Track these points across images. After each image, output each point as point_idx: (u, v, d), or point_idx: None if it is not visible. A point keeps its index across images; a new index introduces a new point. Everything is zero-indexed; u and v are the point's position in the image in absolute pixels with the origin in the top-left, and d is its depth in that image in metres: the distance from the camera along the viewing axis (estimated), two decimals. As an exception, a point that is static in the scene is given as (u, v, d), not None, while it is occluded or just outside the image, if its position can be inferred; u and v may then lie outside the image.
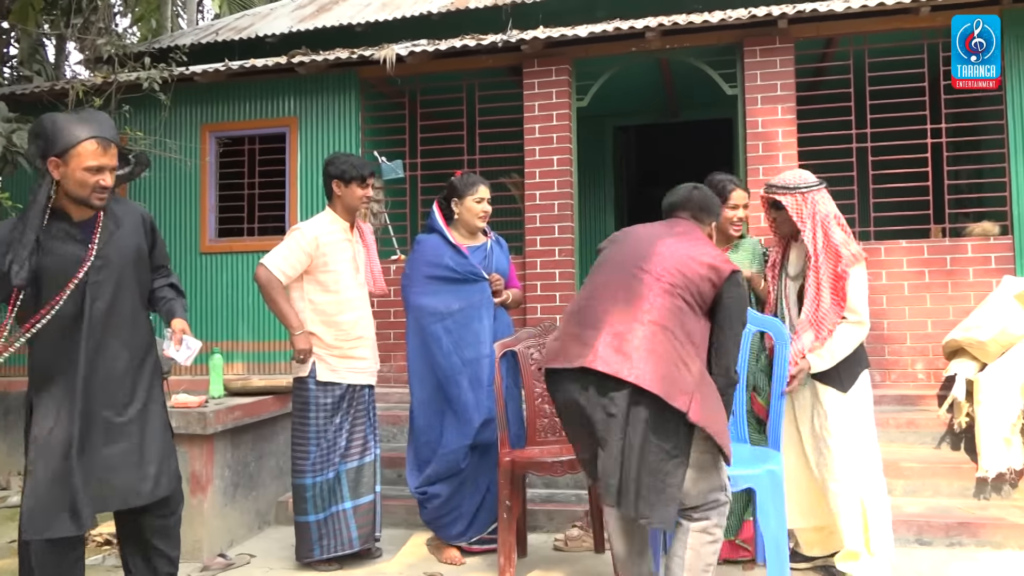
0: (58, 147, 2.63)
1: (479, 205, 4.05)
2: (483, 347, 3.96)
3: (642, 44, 5.69)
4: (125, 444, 2.74)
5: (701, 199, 3.12)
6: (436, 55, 5.95)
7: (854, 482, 3.33)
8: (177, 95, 6.35)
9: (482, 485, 3.96)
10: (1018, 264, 5.18)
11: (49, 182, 2.65)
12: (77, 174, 2.64)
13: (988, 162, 5.58)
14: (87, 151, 2.63)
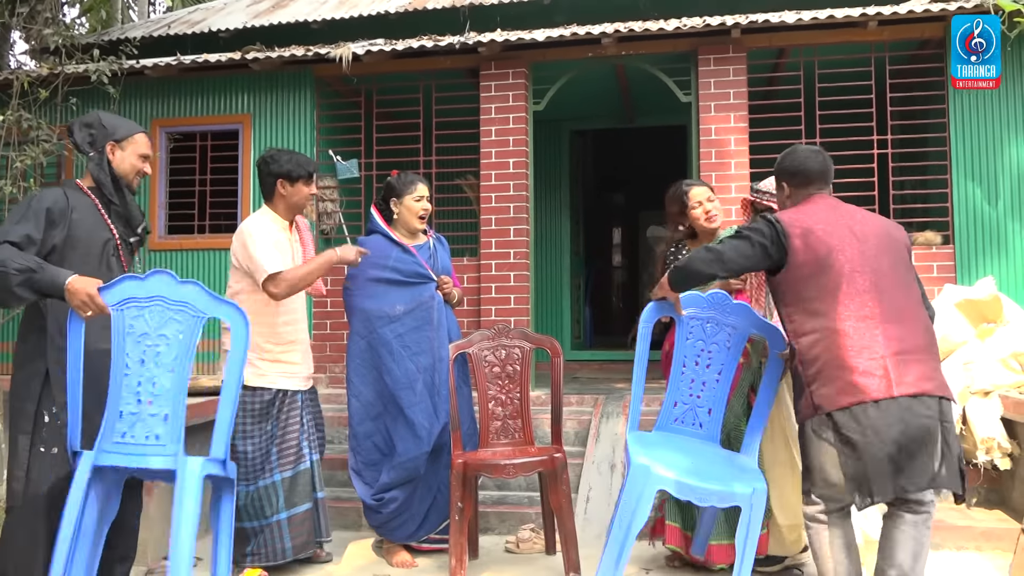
0: (119, 134, 3.06)
1: (418, 204, 3.99)
2: (438, 351, 3.90)
3: (599, 50, 5.74)
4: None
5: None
6: (393, 55, 5.92)
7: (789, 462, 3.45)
8: (127, 89, 6.22)
9: (433, 485, 3.93)
10: (959, 273, 5.34)
11: (106, 163, 3.03)
12: (132, 159, 3.09)
13: (931, 173, 5.75)
14: (142, 141, 3.12)
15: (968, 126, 5.47)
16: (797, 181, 3.00)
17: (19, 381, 2.87)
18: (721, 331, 3.24)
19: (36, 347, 2.87)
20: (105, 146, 3.04)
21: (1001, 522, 4.09)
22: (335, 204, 6.33)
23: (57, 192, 2.95)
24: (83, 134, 3.04)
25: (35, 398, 2.82)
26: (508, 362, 4.05)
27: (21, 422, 2.83)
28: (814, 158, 3.01)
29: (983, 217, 5.39)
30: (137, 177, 3.13)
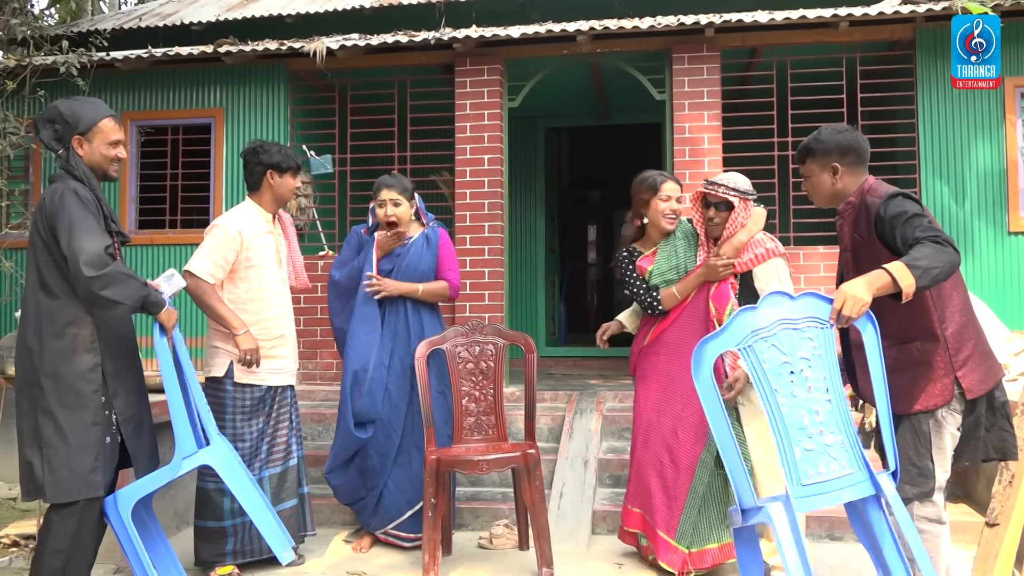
0: (82, 126, 2.89)
1: (380, 210, 4.00)
2: (367, 357, 3.95)
3: (574, 47, 5.76)
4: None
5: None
6: (367, 50, 5.89)
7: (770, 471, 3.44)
8: (97, 81, 6.13)
9: (379, 483, 3.97)
10: (926, 271, 5.41)
11: (76, 159, 2.89)
12: (102, 149, 2.93)
13: (901, 172, 5.83)
14: (108, 127, 2.94)
15: (936, 126, 5.56)
16: (851, 160, 2.82)
17: (77, 375, 2.81)
18: (801, 337, 2.49)
19: (82, 341, 2.84)
20: (71, 142, 2.90)
21: (966, 515, 4.16)
22: (309, 200, 6.30)
23: (79, 188, 2.85)
24: (48, 132, 2.91)
25: (99, 389, 2.84)
26: (482, 358, 4.05)
27: (89, 414, 2.82)
28: (862, 137, 2.86)
29: (950, 216, 5.48)
30: (113, 165, 3.00)
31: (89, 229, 2.77)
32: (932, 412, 2.67)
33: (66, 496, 2.78)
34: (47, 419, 2.78)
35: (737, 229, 3.53)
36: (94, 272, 2.71)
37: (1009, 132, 5.45)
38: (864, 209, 2.76)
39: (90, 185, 2.88)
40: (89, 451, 2.80)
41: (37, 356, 2.82)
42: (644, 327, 3.82)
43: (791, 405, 2.40)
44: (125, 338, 2.99)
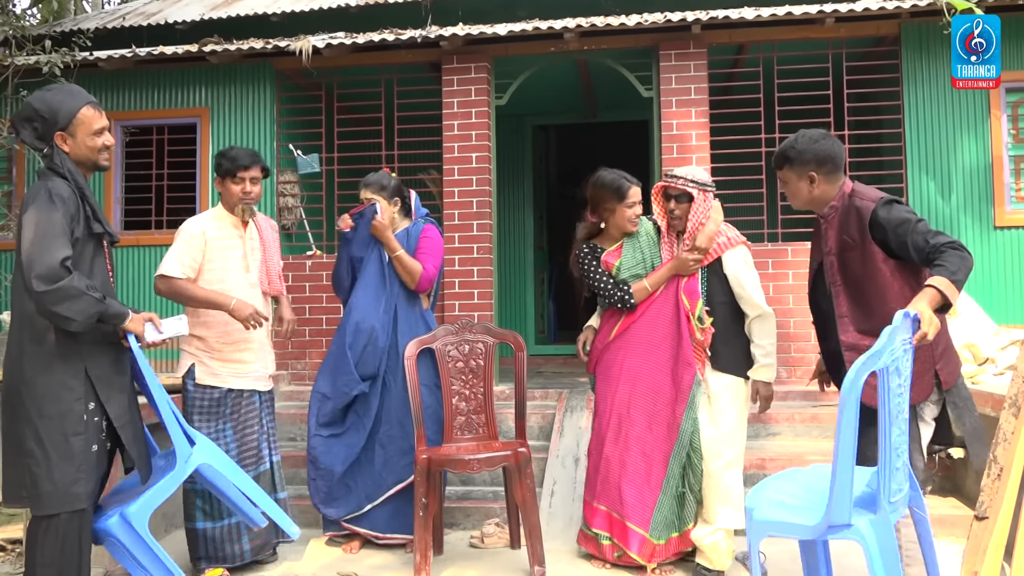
0: (61, 120, 2.74)
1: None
2: (370, 316, 4.05)
3: (561, 45, 5.75)
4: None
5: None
6: (354, 48, 5.86)
7: (739, 462, 3.55)
8: (80, 81, 6.05)
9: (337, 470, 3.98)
10: (914, 266, 5.44)
11: (62, 156, 2.75)
12: (87, 141, 2.78)
13: (888, 168, 5.85)
14: (89, 116, 2.78)
15: (922, 121, 5.58)
16: (827, 169, 2.89)
17: (56, 383, 2.71)
18: (907, 358, 2.47)
19: (65, 347, 2.73)
20: (53, 139, 2.76)
21: (955, 509, 4.19)
22: (296, 199, 6.26)
23: (59, 184, 2.73)
24: (28, 132, 2.77)
25: (81, 397, 2.74)
26: (472, 357, 4.05)
27: (69, 424, 2.70)
28: (838, 144, 2.92)
29: (937, 211, 5.51)
30: (102, 154, 2.84)
31: (49, 237, 2.60)
32: (913, 407, 2.69)
33: (47, 508, 2.70)
34: (27, 428, 2.69)
35: (699, 221, 3.55)
36: (44, 287, 2.57)
37: (994, 127, 5.48)
38: (854, 212, 2.80)
39: (76, 183, 2.75)
40: (70, 462, 2.69)
41: (17, 362, 2.74)
42: (607, 324, 3.78)
43: (895, 424, 2.44)
44: (111, 341, 2.86)
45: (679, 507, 3.57)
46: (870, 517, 2.39)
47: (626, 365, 3.67)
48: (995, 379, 4.33)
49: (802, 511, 2.53)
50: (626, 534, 3.57)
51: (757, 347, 3.55)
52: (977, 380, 4.36)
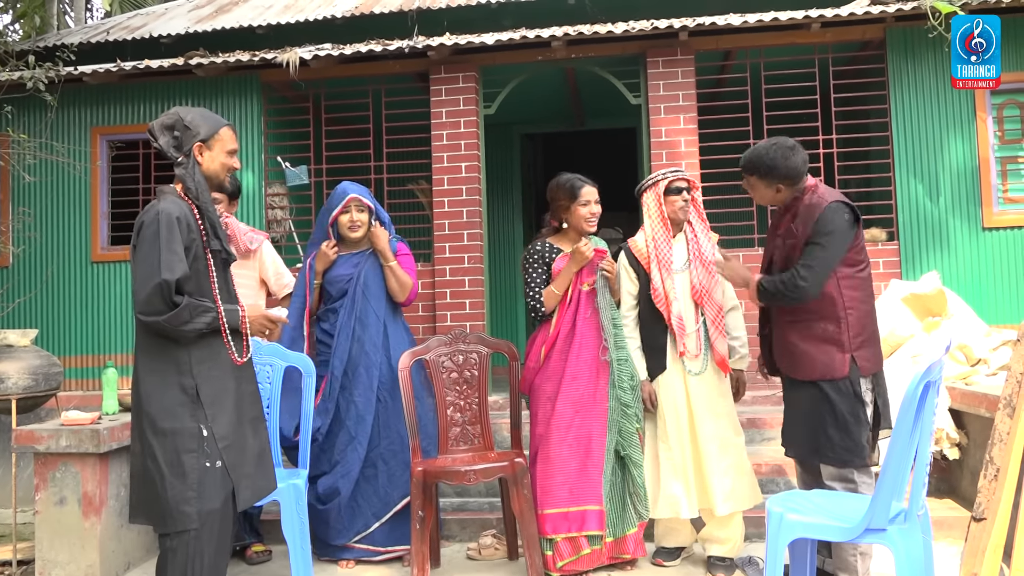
0: (203, 133, 2.83)
1: (345, 216, 4.03)
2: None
3: (548, 53, 5.75)
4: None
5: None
6: (341, 59, 5.85)
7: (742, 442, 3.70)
8: (65, 96, 6.04)
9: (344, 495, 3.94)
10: (904, 268, 5.47)
11: (195, 166, 2.82)
12: (221, 157, 2.87)
13: (875, 172, 5.87)
14: (228, 136, 2.89)
15: (909, 124, 5.61)
16: (794, 179, 3.14)
17: (169, 399, 2.69)
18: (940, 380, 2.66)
19: (176, 365, 2.71)
20: (192, 148, 2.81)
21: (951, 511, 4.18)
22: (284, 211, 6.23)
23: (174, 204, 2.74)
24: (166, 138, 2.81)
25: (195, 414, 2.70)
26: (465, 367, 4.02)
27: (183, 441, 2.67)
28: (804, 157, 3.15)
29: (926, 213, 5.53)
30: (227, 175, 2.95)
31: (144, 268, 2.65)
32: (835, 383, 3.04)
33: (161, 527, 2.68)
34: (145, 445, 2.69)
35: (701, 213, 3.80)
36: (144, 319, 2.64)
37: (980, 130, 5.51)
38: (808, 209, 3.09)
39: (201, 199, 2.79)
40: (182, 480, 2.65)
41: (138, 378, 2.75)
42: (536, 346, 3.81)
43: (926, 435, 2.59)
44: (222, 359, 2.80)
45: (621, 507, 3.63)
46: (901, 526, 2.53)
47: (564, 374, 3.71)
48: (988, 380, 4.34)
49: (829, 517, 2.69)
50: (583, 517, 3.58)
51: (735, 339, 3.72)
52: (970, 381, 4.37)
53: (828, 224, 3.01)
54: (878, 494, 2.51)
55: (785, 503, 2.81)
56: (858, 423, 3.04)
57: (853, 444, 3.03)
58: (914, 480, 2.61)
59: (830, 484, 3.09)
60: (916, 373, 2.45)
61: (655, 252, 3.65)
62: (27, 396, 4.39)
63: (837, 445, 3.04)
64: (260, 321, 2.94)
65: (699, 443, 3.59)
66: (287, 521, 3.46)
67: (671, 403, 3.62)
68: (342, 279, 4.05)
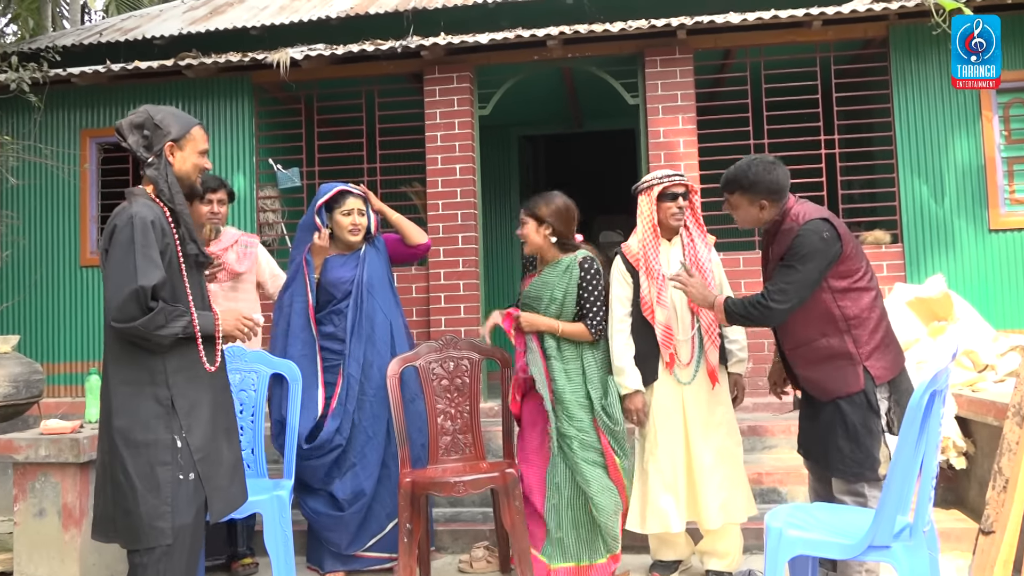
0: (175, 132, 2.71)
1: (347, 218, 3.92)
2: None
3: (544, 53, 5.65)
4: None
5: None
6: (334, 60, 5.75)
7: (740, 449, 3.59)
8: (54, 98, 5.96)
9: (365, 498, 3.84)
10: (908, 271, 5.35)
11: (166, 167, 2.70)
12: (193, 157, 2.75)
13: (878, 172, 5.75)
14: (200, 136, 2.77)
15: (913, 124, 5.49)
16: (777, 196, 3.03)
17: (142, 410, 2.58)
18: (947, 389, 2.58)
19: (150, 374, 2.61)
20: (163, 148, 2.69)
21: (959, 522, 4.06)
22: (276, 215, 6.13)
23: (146, 207, 2.64)
24: (135, 137, 2.69)
25: (169, 425, 2.60)
26: (457, 374, 3.91)
27: (157, 453, 2.56)
28: (785, 172, 3.07)
29: (930, 215, 5.41)
30: (199, 177, 2.83)
31: (119, 274, 2.56)
32: (850, 397, 2.89)
33: (132, 543, 2.57)
34: (115, 457, 2.58)
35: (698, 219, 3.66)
36: (118, 325, 2.54)
37: (986, 129, 5.39)
38: (785, 233, 2.99)
39: (174, 201, 2.69)
40: (155, 494, 2.54)
41: (108, 388, 2.64)
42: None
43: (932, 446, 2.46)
44: (198, 368, 2.71)
45: (588, 533, 3.50)
46: (906, 543, 2.41)
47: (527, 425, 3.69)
48: (996, 386, 4.21)
49: (831, 533, 2.58)
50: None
51: (732, 342, 3.60)
52: (977, 388, 4.24)
53: (803, 247, 2.89)
54: (882, 509, 2.40)
55: (785, 518, 2.69)
56: (870, 434, 2.90)
57: (864, 457, 2.89)
58: (920, 493, 2.48)
59: (840, 498, 2.97)
60: (921, 382, 2.34)
61: (644, 258, 3.53)
62: (6, 404, 4.30)
63: (848, 457, 2.91)
64: (235, 323, 2.83)
65: (692, 453, 3.46)
66: (270, 533, 3.35)
67: (663, 413, 3.50)
68: (344, 281, 3.95)
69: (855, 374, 2.90)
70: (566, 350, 3.59)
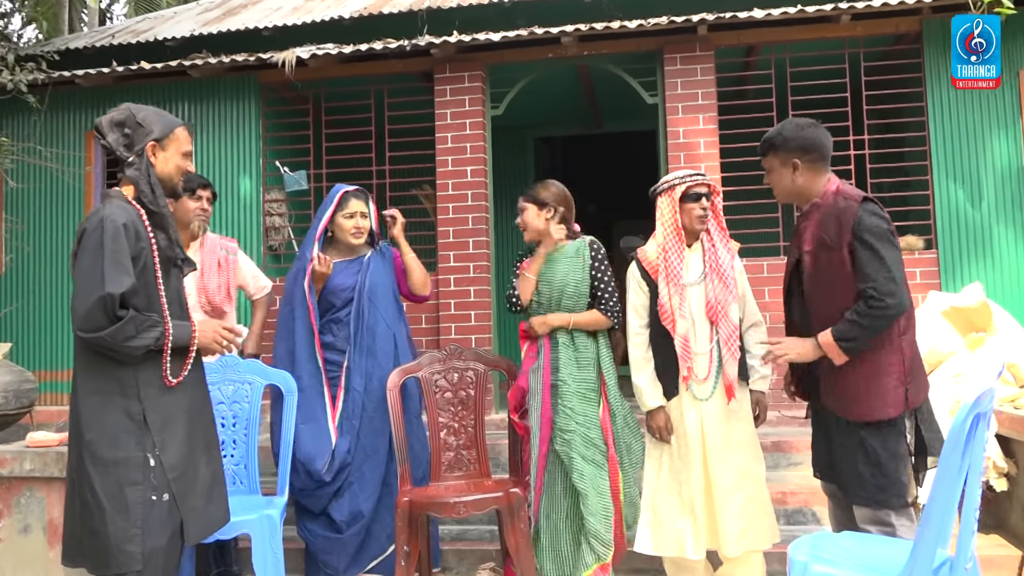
0: (157, 132, 2.60)
1: (350, 221, 3.72)
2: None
3: (559, 50, 5.44)
4: None
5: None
6: (342, 59, 5.59)
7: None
8: (58, 100, 5.86)
9: (363, 519, 3.64)
10: (943, 279, 5.06)
11: (147, 167, 2.58)
12: (176, 159, 2.64)
13: (911, 174, 5.47)
14: (184, 136, 2.67)
15: (948, 123, 5.21)
16: (812, 157, 2.80)
17: (112, 426, 2.41)
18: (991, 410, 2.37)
19: (119, 384, 2.44)
20: (145, 148, 2.57)
21: (1000, 547, 3.79)
22: (283, 219, 5.97)
23: (120, 209, 2.48)
24: (115, 135, 2.56)
25: (141, 442, 2.43)
26: (461, 386, 3.71)
27: (127, 472, 2.40)
28: (825, 134, 2.82)
29: (967, 219, 5.13)
30: (180, 179, 2.71)
31: (86, 280, 2.39)
32: (892, 421, 2.62)
33: (101, 570, 2.40)
34: (83, 475, 2.42)
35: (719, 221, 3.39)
36: (84, 335, 2.37)
37: (1027, 128, 5.10)
38: (835, 212, 2.71)
39: (157, 203, 2.55)
40: (125, 516, 2.38)
41: (76, 402, 2.47)
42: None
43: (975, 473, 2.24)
44: (176, 377, 2.54)
45: (573, 545, 3.33)
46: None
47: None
48: (1040, 403, 3.93)
49: (862, 568, 2.33)
50: None
51: (755, 357, 3.28)
52: (1020, 404, 3.96)
53: (876, 225, 2.63)
54: (920, 542, 2.14)
55: (810, 550, 2.44)
56: (893, 457, 2.62)
57: (888, 482, 2.61)
58: (962, 524, 2.23)
59: (864, 527, 2.70)
60: (964, 404, 2.09)
61: (664, 264, 3.27)
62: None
63: (869, 483, 2.63)
64: (213, 335, 2.64)
65: (711, 475, 3.20)
66: (258, 556, 3.16)
67: (681, 431, 3.25)
68: (345, 288, 3.76)
69: (898, 397, 2.62)
70: (578, 338, 3.46)
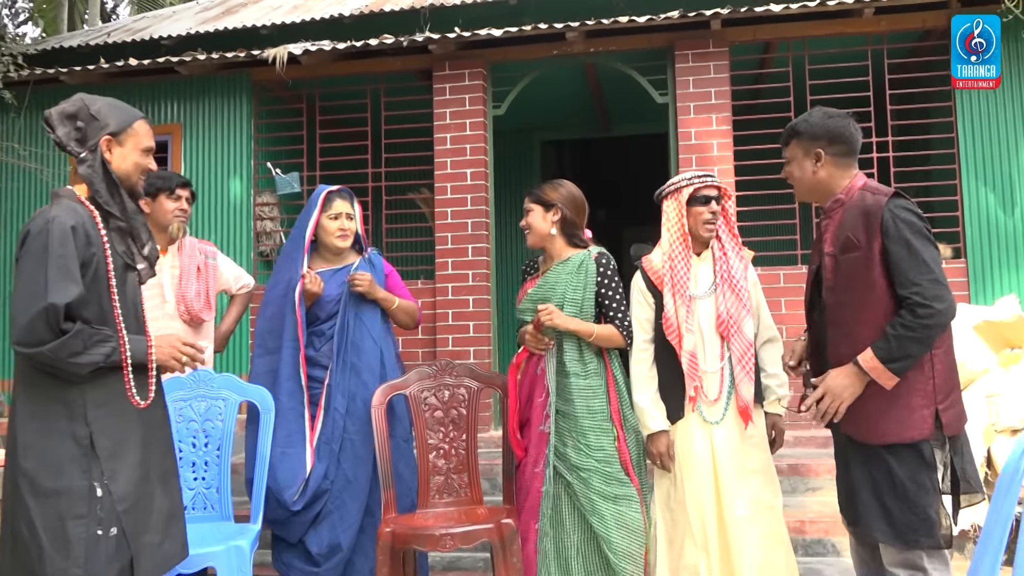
0: (113, 125, 2.35)
1: (335, 222, 3.42)
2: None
3: (564, 47, 5.18)
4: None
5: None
6: (336, 56, 5.35)
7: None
8: (42, 96, 5.63)
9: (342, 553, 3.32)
10: (973, 290, 4.77)
11: (101, 164, 2.33)
12: (134, 155, 2.40)
13: (938, 178, 5.17)
14: (144, 130, 2.43)
15: (978, 126, 4.92)
16: (837, 149, 2.56)
17: (54, 453, 2.16)
18: None
19: (65, 405, 2.19)
20: (99, 142, 2.33)
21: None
22: (275, 223, 5.72)
23: (69, 210, 2.23)
24: (66, 129, 2.32)
25: (86, 471, 2.17)
26: (452, 405, 3.42)
27: (71, 504, 2.15)
28: (856, 128, 2.58)
29: (999, 227, 4.84)
30: (141, 177, 2.45)
31: (27, 289, 2.15)
32: (914, 445, 2.36)
33: None
34: (18, 505, 2.16)
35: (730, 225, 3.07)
36: (24, 349, 2.14)
37: (1063, 131, 4.79)
38: (862, 208, 2.47)
39: (111, 204, 2.31)
40: (65, 553, 2.13)
41: (14, 425, 2.21)
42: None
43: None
44: (126, 401, 2.30)
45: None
46: None
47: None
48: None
49: None
50: None
51: (771, 376, 2.96)
52: (1060, 428, 3.65)
53: (911, 223, 2.37)
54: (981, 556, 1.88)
55: None
56: (923, 491, 2.32)
57: (918, 520, 2.31)
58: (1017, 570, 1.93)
59: (892, 571, 2.40)
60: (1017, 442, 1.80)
61: (670, 273, 2.98)
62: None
63: (897, 520, 2.33)
64: (170, 351, 2.36)
65: (724, 505, 2.90)
66: (225, 592, 2.88)
67: (689, 457, 2.94)
68: (331, 300, 3.46)
69: (923, 419, 2.33)
70: (590, 362, 3.09)
